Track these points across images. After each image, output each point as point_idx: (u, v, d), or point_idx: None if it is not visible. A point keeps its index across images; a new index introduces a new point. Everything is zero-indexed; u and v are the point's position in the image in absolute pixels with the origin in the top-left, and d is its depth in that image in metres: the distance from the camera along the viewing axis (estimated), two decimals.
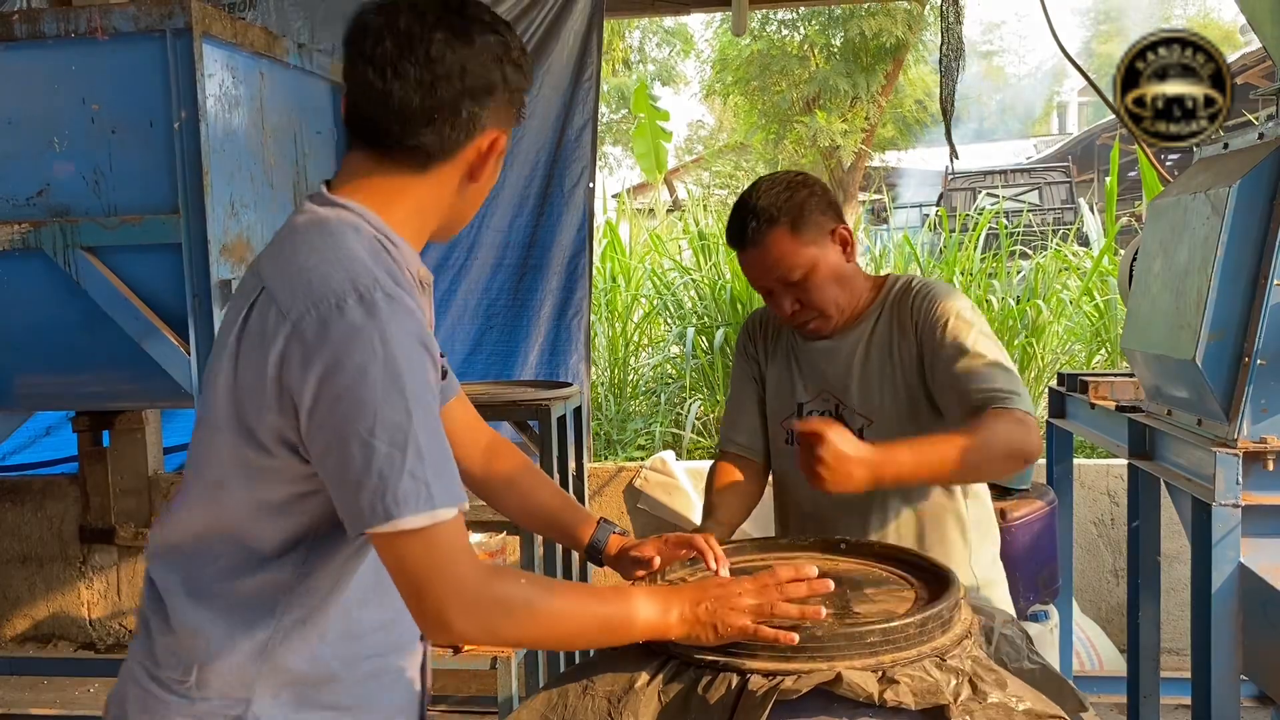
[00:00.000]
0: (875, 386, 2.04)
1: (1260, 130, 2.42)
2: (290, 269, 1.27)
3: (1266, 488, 2.23)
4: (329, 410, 1.21)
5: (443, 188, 1.37)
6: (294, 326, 1.22)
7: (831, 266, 2.01)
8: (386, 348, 1.21)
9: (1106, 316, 5.91)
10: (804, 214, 1.98)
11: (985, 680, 1.32)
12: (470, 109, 1.33)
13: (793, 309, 2.02)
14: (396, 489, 1.20)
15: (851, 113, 15.64)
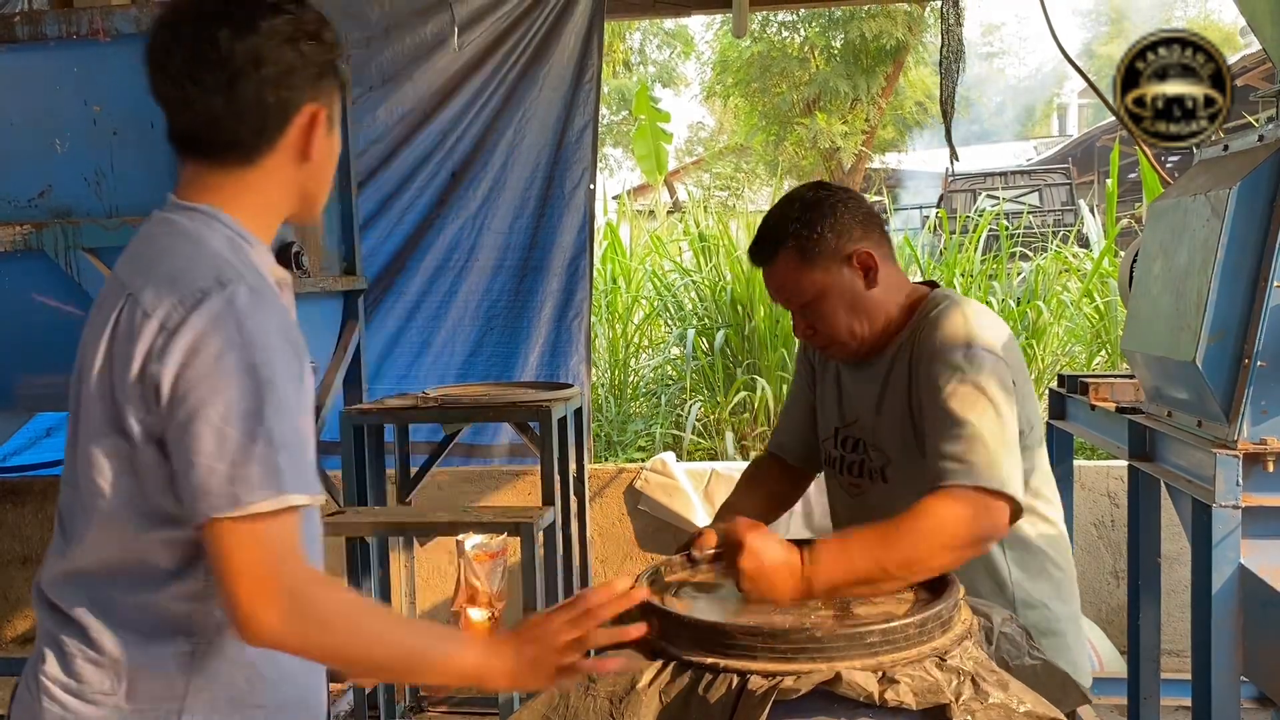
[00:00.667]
0: (892, 424, 1.87)
1: (1260, 132, 2.43)
2: (153, 271, 1.30)
3: (1267, 489, 2.23)
4: (184, 397, 1.22)
5: (278, 174, 1.39)
6: (160, 323, 1.24)
7: (845, 294, 1.85)
8: (245, 337, 1.23)
9: (1107, 318, 5.91)
10: (815, 236, 1.83)
11: (987, 680, 1.32)
12: (275, 95, 1.34)
13: (806, 332, 1.91)
14: (247, 475, 1.20)
15: (852, 114, 15.65)
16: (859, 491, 1.97)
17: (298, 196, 1.43)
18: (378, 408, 3.49)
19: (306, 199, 1.44)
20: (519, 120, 4.52)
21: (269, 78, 1.32)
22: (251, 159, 1.37)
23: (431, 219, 4.57)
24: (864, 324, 1.88)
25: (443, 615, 4.28)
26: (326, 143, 1.42)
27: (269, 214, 1.41)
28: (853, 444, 1.97)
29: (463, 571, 2.73)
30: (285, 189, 1.41)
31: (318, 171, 1.43)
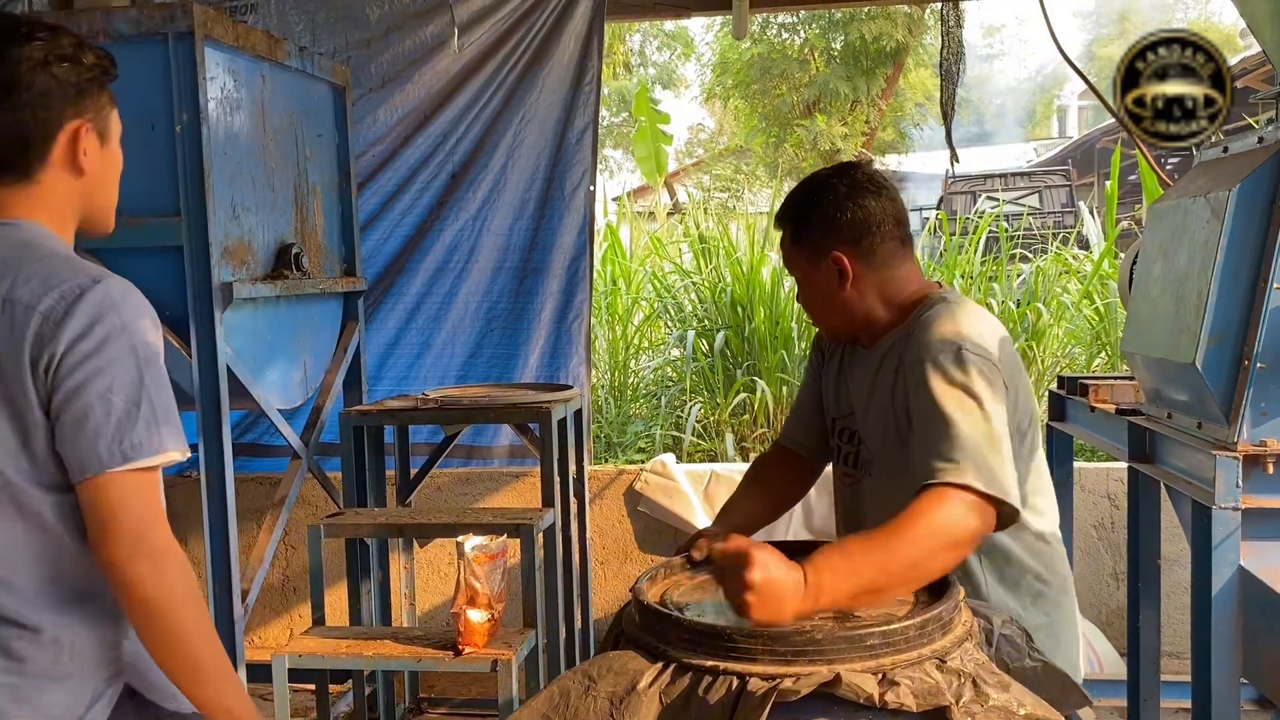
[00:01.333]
0: (876, 418, 1.88)
1: (1260, 134, 2.43)
2: (24, 269, 1.46)
3: (1266, 491, 2.23)
4: (70, 374, 1.41)
5: (57, 187, 1.53)
6: (43, 314, 1.42)
7: (819, 286, 1.90)
8: (124, 321, 1.45)
9: (1106, 320, 5.91)
10: (805, 225, 1.90)
11: (988, 682, 1.32)
12: (32, 116, 1.48)
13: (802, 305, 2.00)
14: (132, 435, 1.42)
15: (852, 116, 15.65)
16: (853, 482, 1.98)
17: (83, 209, 1.58)
18: (377, 409, 3.49)
19: (92, 208, 1.59)
20: (519, 122, 4.52)
21: (23, 102, 1.47)
22: (29, 175, 1.51)
23: (431, 220, 4.57)
24: (834, 319, 1.93)
25: (443, 617, 4.28)
26: (100, 155, 1.56)
27: (61, 223, 1.56)
28: (848, 435, 1.98)
29: (462, 573, 2.73)
30: (65, 200, 1.55)
31: (98, 184, 1.57)
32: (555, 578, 3.33)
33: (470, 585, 2.73)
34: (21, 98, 1.46)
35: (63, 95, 1.49)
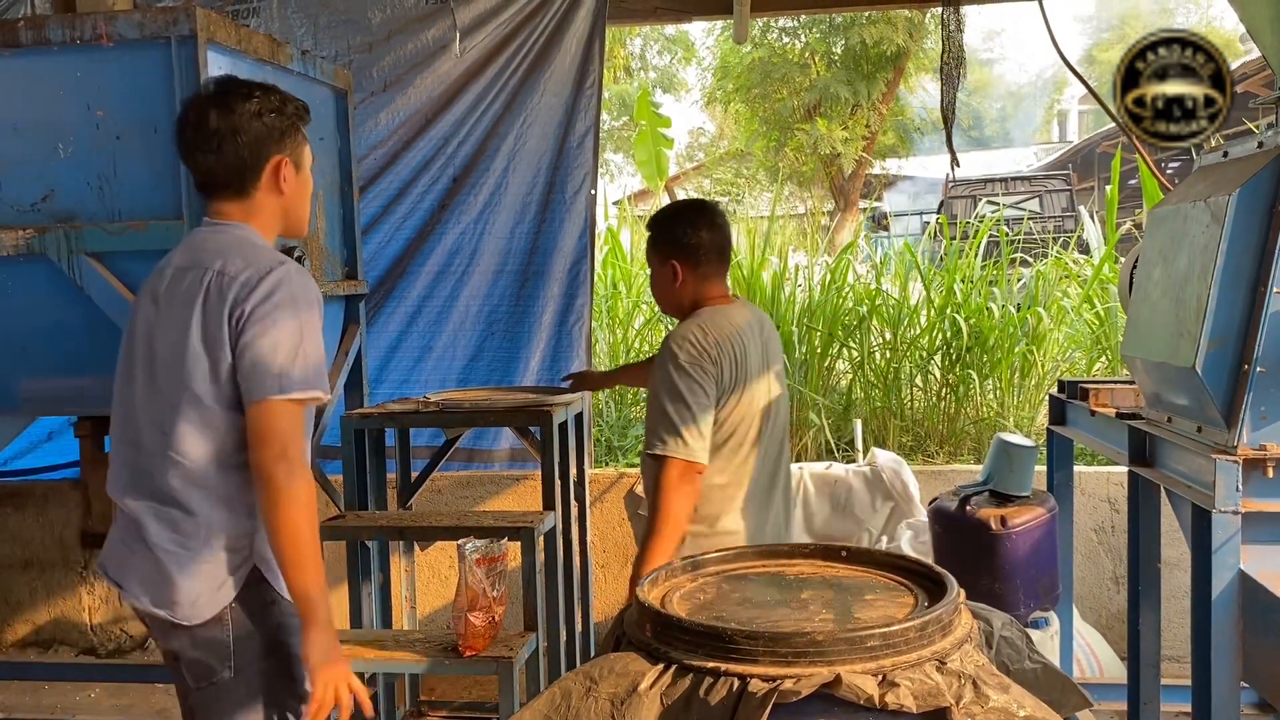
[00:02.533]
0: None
1: (1260, 139, 2.43)
2: (229, 256, 2.03)
3: (1266, 494, 2.23)
4: (254, 324, 1.96)
5: (265, 202, 2.14)
6: (241, 283, 1.99)
7: (661, 281, 2.73)
8: (294, 294, 2.01)
9: (1107, 324, 5.91)
10: (663, 236, 2.73)
11: (988, 683, 1.33)
12: (249, 152, 2.08)
13: None
14: (289, 375, 1.96)
15: (852, 120, 15.67)
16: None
17: (284, 219, 2.19)
18: (379, 412, 3.49)
19: (290, 219, 2.20)
20: (520, 125, 4.53)
21: (244, 142, 2.08)
22: (245, 193, 2.12)
23: (433, 224, 4.58)
24: (666, 304, 2.80)
25: (444, 619, 4.28)
26: (296, 180, 2.17)
27: (268, 228, 2.16)
28: None
29: (463, 576, 2.73)
30: (272, 213, 2.16)
31: (293, 200, 2.18)
32: (556, 581, 3.33)
33: (471, 588, 2.73)
34: (241, 139, 2.06)
35: (270, 137, 2.09)
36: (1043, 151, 25.78)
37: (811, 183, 17.62)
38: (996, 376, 5.64)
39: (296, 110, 2.16)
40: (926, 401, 5.71)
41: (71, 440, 3.99)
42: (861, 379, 5.75)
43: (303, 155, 2.18)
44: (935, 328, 5.87)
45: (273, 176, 2.11)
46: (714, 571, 1.73)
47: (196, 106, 2.09)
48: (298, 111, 2.16)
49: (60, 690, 4.42)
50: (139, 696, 4.32)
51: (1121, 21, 32.04)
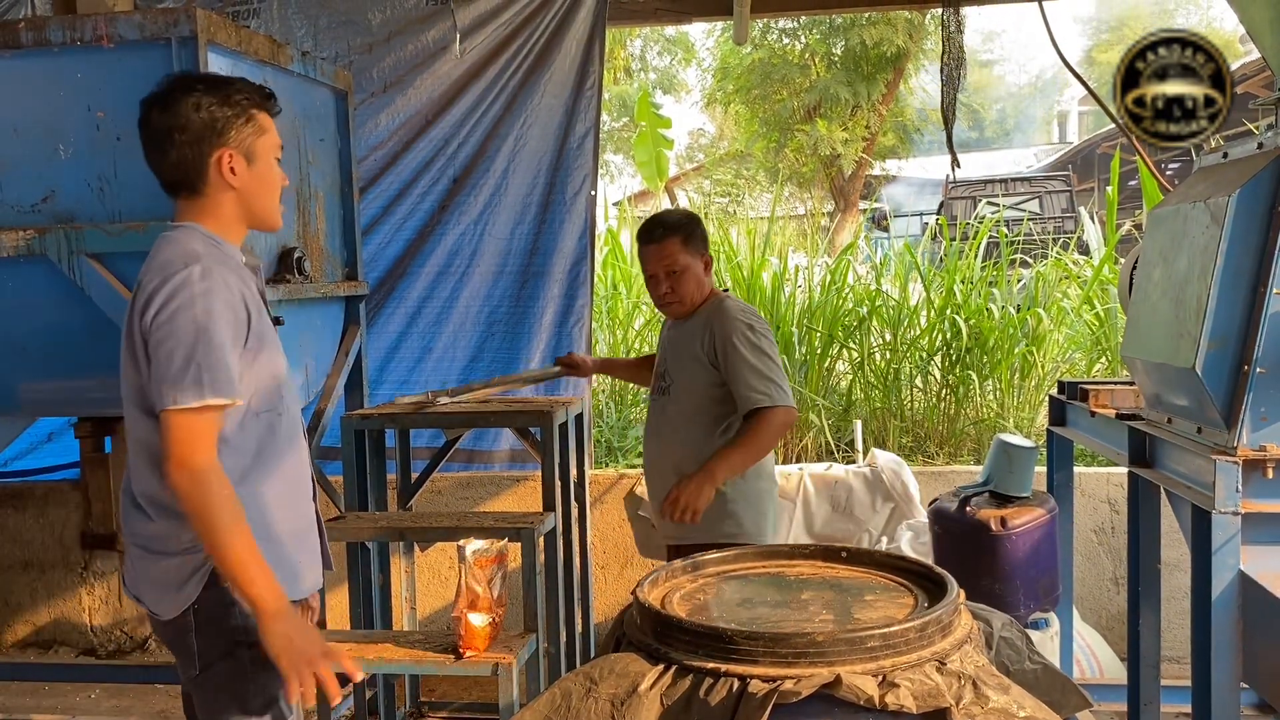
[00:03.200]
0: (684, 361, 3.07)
1: (1260, 139, 2.43)
2: (155, 263, 1.99)
3: (1266, 495, 2.23)
4: (154, 337, 1.92)
5: (220, 198, 2.06)
6: (148, 296, 1.93)
7: (697, 277, 3.09)
8: (193, 297, 1.92)
9: (1107, 325, 5.91)
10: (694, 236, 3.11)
11: (988, 684, 1.33)
12: (190, 152, 2.01)
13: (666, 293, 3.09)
14: (181, 385, 1.89)
15: (852, 121, 15.67)
16: (659, 403, 3.15)
17: (244, 213, 2.10)
18: (379, 412, 3.49)
19: (252, 214, 2.11)
20: (520, 126, 4.53)
21: (185, 140, 2.01)
22: (198, 191, 2.05)
23: (433, 224, 4.58)
24: (695, 298, 3.10)
25: (443, 620, 4.28)
26: (249, 173, 2.06)
27: (227, 226, 2.08)
28: (662, 374, 3.17)
29: (463, 576, 2.73)
30: (231, 210, 2.08)
31: (249, 193, 2.08)
32: (556, 582, 3.33)
33: (471, 589, 2.73)
34: (180, 137, 2.00)
35: (211, 130, 2.01)
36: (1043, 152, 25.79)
37: (811, 183, 17.62)
38: (996, 377, 5.64)
39: (249, 99, 2.06)
40: (926, 402, 5.71)
41: (72, 441, 3.99)
42: (861, 380, 5.75)
43: (257, 145, 2.07)
44: (935, 328, 5.87)
45: (218, 172, 2.03)
46: (714, 572, 1.73)
47: (143, 107, 2.05)
48: (251, 100, 2.07)
49: (60, 691, 4.42)
50: (139, 697, 4.32)
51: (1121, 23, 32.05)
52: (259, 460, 2.05)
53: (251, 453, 2.04)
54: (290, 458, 2.12)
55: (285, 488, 2.11)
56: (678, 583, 1.69)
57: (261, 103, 2.09)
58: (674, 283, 3.07)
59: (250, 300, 2.02)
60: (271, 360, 2.07)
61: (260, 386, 2.04)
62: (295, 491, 2.15)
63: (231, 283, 1.98)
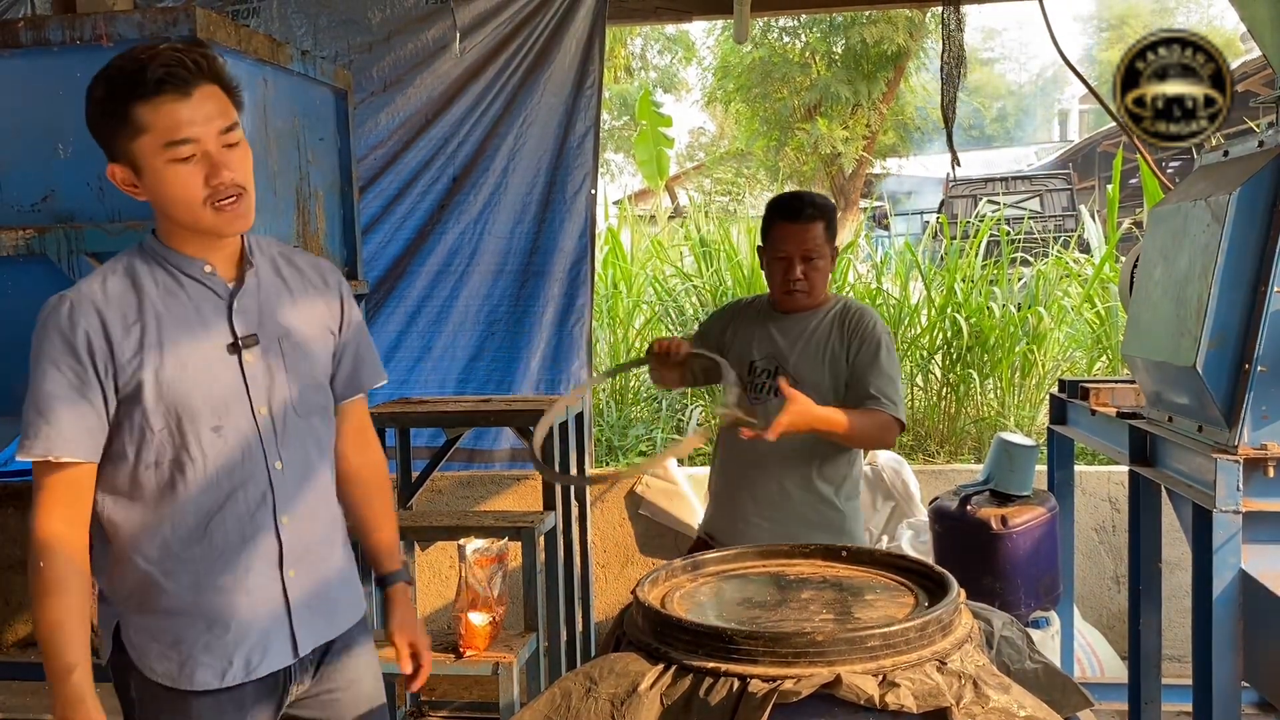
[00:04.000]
0: (809, 359, 2.78)
1: (1260, 138, 2.43)
2: None
3: (1267, 494, 2.23)
4: None
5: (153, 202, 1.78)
6: None
7: (828, 267, 2.86)
8: (37, 330, 1.76)
9: (1107, 323, 5.91)
10: (833, 223, 2.86)
11: (989, 684, 1.32)
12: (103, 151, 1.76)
13: (798, 280, 2.79)
14: (24, 429, 1.69)
15: (853, 120, 15.65)
16: (759, 401, 2.78)
17: (165, 219, 1.79)
18: (378, 411, 3.49)
19: (169, 218, 1.78)
20: (520, 125, 4.53)
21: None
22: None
23: (433, 224, 4.57)
24: (824, 288, 2.87)
25: (444, 619, 4.28)
26: (144, 184, 1.74)
27: (168, 236, 1.80)
28: (767, 372, 2.81)
29: (464, 576, 2.73)
30: (160, 216, 1.80)
31: (157, 199, 1.77)
32: (556, 581, 3.33)
33: (471, 588, 2.73)
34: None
35: (102, 145, 1.77)
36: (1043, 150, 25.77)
37: (812, 182, 17.60)
38: (997, 376, 5.63)
39: (112, 95, 1.68)
40: (927, 401, 5.70)
41: None
42: None
43: (135, 150, 1.69)
44: (936, 327, 5.87)
45: (124, 187, 1.78)
46: (714, 571, 1.73)
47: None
48: (115, 95, 1.68)
49: None
50: None
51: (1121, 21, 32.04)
52: (154, 518, 1.75)
53: (142, 511, 1.75)
54: (208, 517, 1.74)
55: (193, 553, 1.75)
56: (678, 582, 1.68)
57: (130, 93, 1.66)
58: (809, 270, 2.81)
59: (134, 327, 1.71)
60: (175, 399, 1.71)
61: (143, 432, 1.71)
62: (214, 559, 1.75)
63: (82, 311, 1.70)
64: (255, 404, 1.78)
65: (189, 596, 1.76)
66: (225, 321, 1.78)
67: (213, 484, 1.74)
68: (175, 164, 1.70)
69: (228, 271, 1.82)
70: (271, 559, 1.79)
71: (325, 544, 1.90)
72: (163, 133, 1.68)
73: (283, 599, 1.81)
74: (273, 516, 1.79)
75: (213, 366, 1.75)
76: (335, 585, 1.91)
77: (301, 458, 1.84)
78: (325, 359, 1.91)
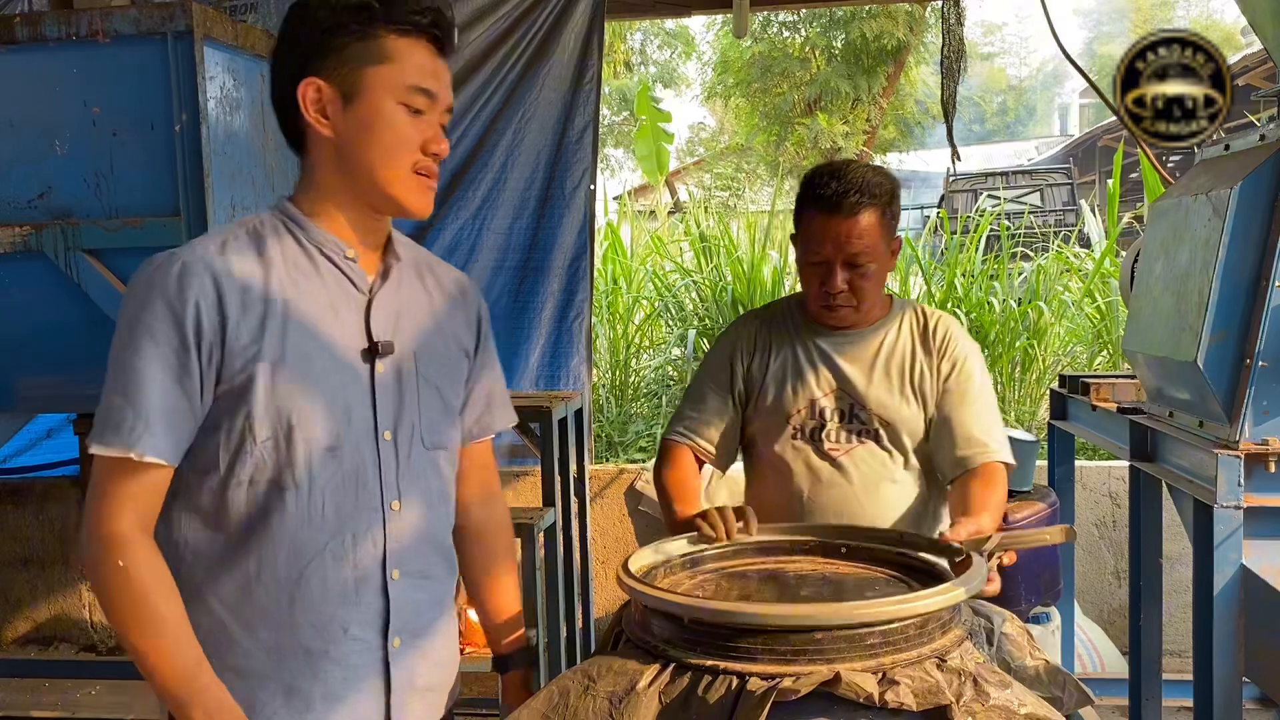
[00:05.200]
0: (893, 392, 2.13)
1: (1261, 132, 2.42)
2: None
3: (1268, 489, 2.23)
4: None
5: (316, 152, 1.47)
6: None
7: (884, 269, 2.12)
8: (127, 300, 1.41)
9: (1108, 318, 5.91)
10: (893, 208, 2.09)
11: (989, 681, 1.32)
12: (276, 81, 1.47)
13: (839, 289, 2.07)
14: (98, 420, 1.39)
15: (853, 114, 15.64)
16: (840, 454, 2.13)
17: (345, 177, 1.46)
18: None
19: (356, 178, 1.45)
20: (519, 120, 4.52)
21: (275, 65, 1.47)
22: (298, 144, 1.49)
23: (431, 219, 4.56)
24: (879, 296, 2.16)
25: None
26: (345, 115, 1.43)
27: (320, 198, 1.48)
28: (841, 413, 2.15)
29: None
30: (325, 170, 1.47)
31: (349, 145, 1.44)
32: (556, 577, 3.33)
33: None
34: (275, 60, 1.55)
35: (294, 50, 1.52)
36: (1043, 145, 25.77)
37: None
38: (997, 371, 5.63)
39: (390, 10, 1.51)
40: None
41: (70, 437, 4.00)
42: None
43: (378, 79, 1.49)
44: None
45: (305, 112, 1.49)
46: (713, 568, 1.72)
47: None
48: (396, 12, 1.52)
49: (60, 687, 4.42)
50: (139, 693, 4.32)
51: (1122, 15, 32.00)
52: (239, 550, 1.42)
53: (225, 539, 1.43)
54: (307, 560, 1.42)
55: (280, 603, 1.42)
56: (677, 579, 1.68)
57: (390, 18, 1.46)
58: (856, 279, 2.07)
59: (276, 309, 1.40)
60: (290, 405, 1.40)
61: (243, 440, 1.39)
62: (306, 614, 1.43)
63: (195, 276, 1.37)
64: (380, 427, 1.47)
65: (268, 658, 1.43)
66: (361, 321, 1.48)
67: (317, 517, 1.42)
68: (405, 111, 1.47)
69: (369, 264, 1.52)
70: (374, 622, 1.46)
71: (437, 609, 1.56)
72: (412, 73, 1.49)
73: (382, 674, 1.48)
74: (382, 569, 1.47)
75: (341, 372, 1.44)
76: (444, 663, 1.59)
77: (422, 500, 1.51)
78: (459, 387, 1.61)
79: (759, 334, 2.23)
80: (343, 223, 1.48)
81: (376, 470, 1.46)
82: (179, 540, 1.43)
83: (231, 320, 1.38)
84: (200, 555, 1.43)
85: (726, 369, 2.23)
